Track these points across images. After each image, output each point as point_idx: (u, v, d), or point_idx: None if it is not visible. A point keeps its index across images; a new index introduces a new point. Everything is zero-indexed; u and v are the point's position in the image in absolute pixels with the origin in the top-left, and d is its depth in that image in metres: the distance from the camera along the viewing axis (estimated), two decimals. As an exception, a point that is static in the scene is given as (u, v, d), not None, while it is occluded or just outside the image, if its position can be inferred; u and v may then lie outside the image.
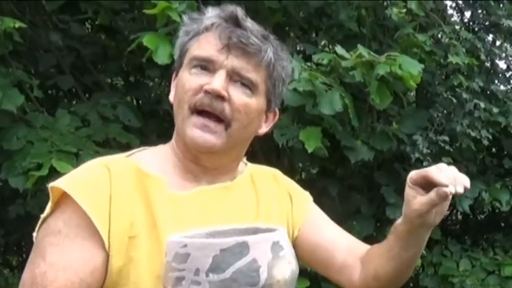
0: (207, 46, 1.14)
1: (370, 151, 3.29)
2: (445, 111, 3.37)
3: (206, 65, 1.14)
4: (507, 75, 3.81)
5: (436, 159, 3.43)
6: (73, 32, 3.36)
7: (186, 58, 1.16)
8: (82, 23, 3.62)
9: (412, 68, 2.63)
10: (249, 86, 1.15)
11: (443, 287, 3.76)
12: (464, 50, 3.09)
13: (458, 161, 3.64)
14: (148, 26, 2.77)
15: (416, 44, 2.91)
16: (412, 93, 3.91)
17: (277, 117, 1.28)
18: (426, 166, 3.29)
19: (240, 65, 1.14)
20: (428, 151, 3.32)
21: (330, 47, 2.96)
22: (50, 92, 3.62)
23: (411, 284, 4.17)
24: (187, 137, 1.13)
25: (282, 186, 1.34)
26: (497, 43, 3.46)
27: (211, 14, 1.17)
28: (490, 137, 3.42)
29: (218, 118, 1.13)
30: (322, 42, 3.11)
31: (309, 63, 2.82)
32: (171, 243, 1.05)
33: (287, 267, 1.05)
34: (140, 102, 3.85)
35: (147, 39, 2.23)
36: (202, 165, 1.19)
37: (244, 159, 1.32)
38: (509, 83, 3.80)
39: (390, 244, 1.24)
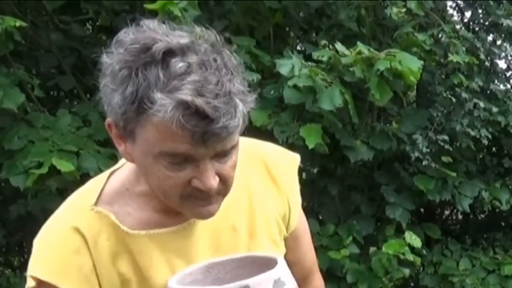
0: (174, 139, 0.92)
1: (370, 151, 3.29)
2: (444, 111, 3.36)
3: (182, 159, 0.95)
4: (507, 75, 3.81)
5: (435, 158, 3.42)
6: (74, 33, 3.36)
7: (143, 140, 0.94)
8: (83, 23, 3.61)
9: (411, 64, 2.64)
10: (233, 148, 0.99)
11: (444, 286, 3.74)
12: (464, 49, 3.08)
13: (458, 161, 3.64)
14: (148, 26, 2.76)
15: (415, 43, 2.91)
16: (412, 93, 3.91)
17: None
18: (426, 165, 3.28)
19: (222, 146, 0.95)
20: (428, 150, 3.31)
21: (330, 46, 2.97)
22: (51, 92, 3.62)
23: (412, 284, 4.16)
24: (189, 214, 1.04)
25: (281, 189, 1.21)
26: (498, 43, 3.45)
27: (163, 98, 0.88)
28: (490, 136, 3.40)
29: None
30: (323, 42, 3.12)
31: (309, 63, 2.83)
32: None
33: None
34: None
35: (146, 37, 2.23)
36: None
37: None
38: (508, 83, 3.80)
39: None
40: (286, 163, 1.23)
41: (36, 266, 1.01)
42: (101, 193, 1.06)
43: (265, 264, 1.05)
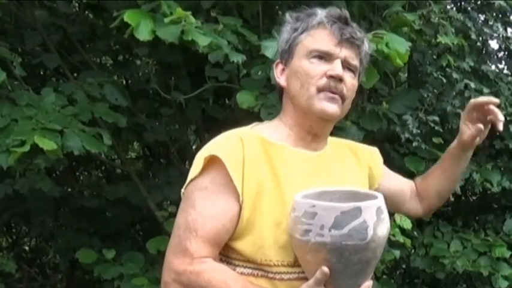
0: (323, 41, 1.53)
1: (360, 131, 3.31)
2: (435, 91, 3.38)
3: (324, 56, 1.52)
4: (499, 56, 3.82)
5: (426, 139, 3.45)
6: (60, 10, 3.36)
7: (301, 50, 1.55)
8: (69, 0, 3.62)
9: (399, 46, 2.63)
10: (353, 70, 1.57)
11: (435, 267, 3.78)
12: (453, 29, 3.09)
13: (449, 142, 3.64)
14: (136, 4, 2.78)
15: (405, 23, 2.92)
16: (405, 74, 3.93)
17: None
18: (417, 146, 3.30)
19: (349, 55, 1.54)
20: (419, 131, 3.33)
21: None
22: (37, 71, 3.63)
23: (403, 266, 4.22)
24: (317, 108, 1.52)
25: (360, 158, 1.74)
26: (490, 23, 3.44)
27: (322, 13, 1.55)
28: (481, 117, 3.41)
29: (338, 95, 1.53)
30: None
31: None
32: (300, 202, 1.40)
33: (385, 227, 1.41)
34: (129, 81, 3.87)
35: (128, 15, 2.25)
36: (312, 133, 1.59)
37: None
38: (500, 63, 3.81)
39: (445, 166, 1.87)
40: (364, 146, 1.84)
41: (212, 149, 1.49)
42: (253, 127, 1.61)
43: (365, 198, 1.45)
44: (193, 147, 3.92)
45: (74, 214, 3.95)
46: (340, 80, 1.51)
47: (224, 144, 1.51)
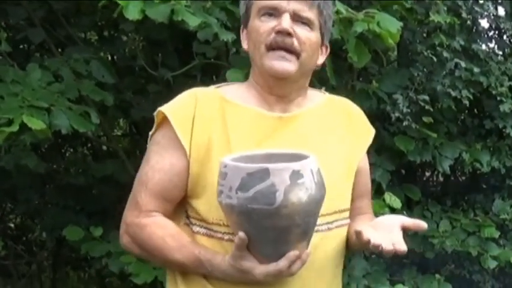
0: None
1: (350, 109, 3.34)
2: (425, 70, 3.43)
3: (272, 12, 1.50)
4: (489, 35, 3.86)
5: (416, 119, 3.51)
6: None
7: (253, 10, 1.54)
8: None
9: (391, 26, 2.67)
10: (307, 23, 1.52)
11: (424, 247, 3.85)
12: (445, 8, 3.13)
13: (439, 121, 3.72)
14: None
15: (396, 1, 2.96)
16: (394, 53, 3.96)
17: (328, 51, 1.65)
18: (406, 126, 3.35)
19: (298, 7, 1.49)
20: (409, 110, 3.39)
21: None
22: (21, 46, 3.64)
23: (392, 245, 4.28)
24: (267, 67, 1.51)
25: (354, 123, 1.70)
26: (480, 1, 3.48)
27: None
28: (471, 97, 3.47)
29: (290, 51, 1.50)
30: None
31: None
32: (219, 162, 1.37)
33: (304, 193, 1.30)
34: (115, 57, 3.89)
35: (117, -4, 2.28)
36: (275, 94, 1.57)
37: (323, 90, 1.76)
38: (491, 42, 3.85)
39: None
40: (364, 120, 1.77)
41: (165, 106, 1.55)
42: (219, 87, 1.62)
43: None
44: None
45: (60, 191, 4.00)
46: (288, 34, 1.48)
47: (177, 102, 1.57)
